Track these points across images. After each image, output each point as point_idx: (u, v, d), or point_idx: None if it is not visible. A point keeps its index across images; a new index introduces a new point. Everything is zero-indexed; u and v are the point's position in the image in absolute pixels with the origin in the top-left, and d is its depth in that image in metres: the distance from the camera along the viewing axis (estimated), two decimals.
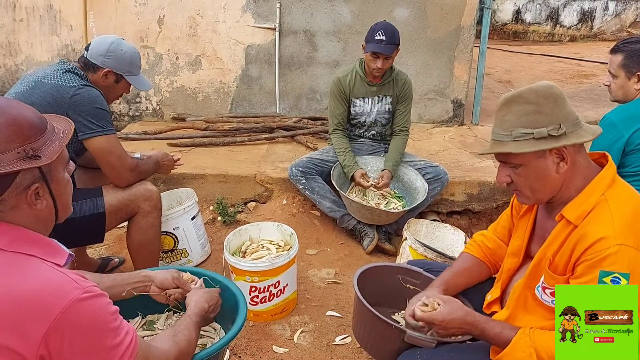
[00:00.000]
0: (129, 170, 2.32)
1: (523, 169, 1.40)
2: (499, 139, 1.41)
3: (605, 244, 1.27)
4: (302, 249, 3.11)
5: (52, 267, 1.09)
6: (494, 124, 1.45)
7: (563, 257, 1.38)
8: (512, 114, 1.39)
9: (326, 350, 2.34)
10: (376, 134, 3.40)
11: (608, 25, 10.47)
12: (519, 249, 1.58)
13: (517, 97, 1.39)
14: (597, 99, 5.67)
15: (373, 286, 1.80)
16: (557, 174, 1.38)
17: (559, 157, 1.37)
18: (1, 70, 4.73)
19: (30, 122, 1.11)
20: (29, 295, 1.01)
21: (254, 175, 3.51)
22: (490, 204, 3.54)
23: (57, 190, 1.17)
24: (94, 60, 2.29)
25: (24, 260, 1.07)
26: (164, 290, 1.62)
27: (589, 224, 1.33)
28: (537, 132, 1.35)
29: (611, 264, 1.26)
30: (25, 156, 1.07)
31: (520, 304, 1.51)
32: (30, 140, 1.10)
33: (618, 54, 2.29)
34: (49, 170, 1.14)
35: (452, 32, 4.45)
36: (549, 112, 1.36)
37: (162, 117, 4.75)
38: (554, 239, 1.42)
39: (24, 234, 1.11)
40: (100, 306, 1.09)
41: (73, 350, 1.04)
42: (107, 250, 3.15)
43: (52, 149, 1.13)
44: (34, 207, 1.12)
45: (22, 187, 1.10)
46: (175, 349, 1.29)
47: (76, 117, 2.14)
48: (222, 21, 4.46)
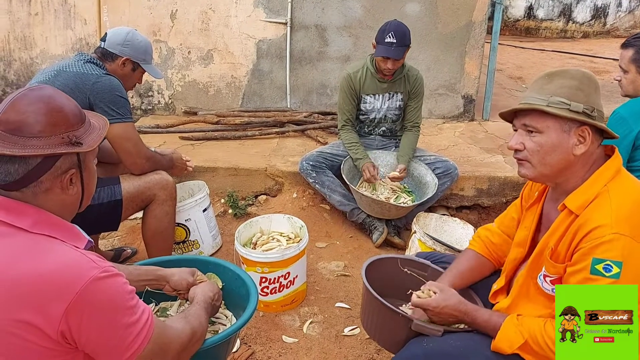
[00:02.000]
0: (145, 159, 2.39)
1: (542, 137, 1.39)
2: (532, 101, 1.40)
3: (601, 232, 1.28)
4: (312, 242, 3.14)
5: (72, 248, 1.13)
6: (529, 89, 1.44)
7: (564, 246, 1.39)
8: (553, 85, 1.39)
9: (335, 341, 2.37)
10: (386, 130, 3.42)
11: (621, 21, 10.37)
12: (524, 239, 1.59)
13: (563, 72, 1.40)
14: (608, 96, 5.62)
15: (381, 277, 1.82)
16: (572, 156, 1.38)
17: (580, 140, 1.37)
18: (16, 63, 4.80)
19: (74, 112, 1.19)
20: (50, 275, 1.05)
21: (265, 169, 3.54)
22: (500, 199, 3.55)
23: (87, 178, 1.25)
24: (112, 49, 2.37)
25: (46, 241, 1.11)
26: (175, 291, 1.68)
27: (589, 213, 1.34)
28: (574, 105, 1.35)
29: (604, 252, 1.27)
30: (69, 142, 1.14)
31: (523, 292, 1.53)
32: (74, 127, 1.17)
33: (629, 49, 2.28)
34: (84, 158, 1.21)
35: (463, 28, 4.45)
36: (588, 93, 1.37)
37: (174, 111, 4.80)
38: (557, 228, 1.43)
39: (47, 218, 1.15)
40: (117, 285, 1.12)
41: (91, 327, 1.08)
42: (120, 241, 3.20)
43: (92, 139, 1.21)
44: (67, 191, 1.18)
45: (61, 171, 1.16)
46: (188, 328, 1.33)
47: (97, 104, 2.22)
48: (233, 16, 4.49)
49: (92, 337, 1.09)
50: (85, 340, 1.08)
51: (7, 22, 4.66)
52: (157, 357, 1.20)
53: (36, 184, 1.13)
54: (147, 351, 1.16)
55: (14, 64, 4.81)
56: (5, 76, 4.85)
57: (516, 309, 1.53)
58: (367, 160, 3.19)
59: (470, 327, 1.53)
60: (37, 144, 1.10)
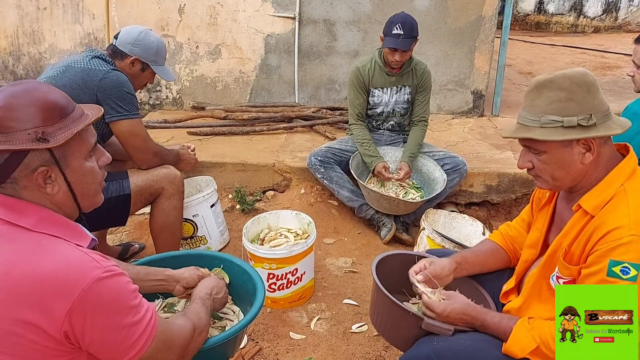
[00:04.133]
0: (152, 154, 2.40)
1: (547, 157, 1.38)
2: (525, 123, 1.38)
3: (619, 234, 1.25)
4: (320, 238, 3.12)
5: (74, 247, 1.11)
6: (522, 106, 1.41)
7: (578, 247, 1.36)
8: (542, 99, 1.36)
9: (342, 338, 2.35)
10: (395, 124, 3.39)
11: (633, 16, 10.25)
12: (537, 240, 1.57)
13: (550, 83, 1.36)
14: (620, 91, 5.56)
15: (391, 273, 1.81)
16: (582, 165, 1.36)
17: (586, 148, 1.34)
18: (25, 58, 4.81)
19: (51, 106, 1.13)
20: (53, 274, 1.04)
21: (273, 165, 3.52)
22: (509, 196, 3.52)
23: (72, 177, 1.18)
24: (122, 47, 2.36)
25: (49, 240, 1.10)
26: (187, 289, 1.67)
27: (606, 215, 1.31)
28: (567, 121, 1.31)
29: (622, 254, 1.24)
30: (34, 138, 1.09)
31: (535, 292, 1.51)
32: (46, 123, 1.11)
33: None
34: (63, 155, 1.15)
35: (473, 22, 4.41)
36: (580, 101, 1.33)
37: (182, 105, 4.79)
38: (571, 228, 1.41)
39: (49, 216, 1.14)
40: (120, 284, 1.11)
41: (95, 327, 1.07)
42: (128, 236, 3.20)
43: (63, 135, 1.13)
44: (44, 190, 1.14)
45: (31, 168, 1.11)
46: (189, 323, 1.34)
47: (104, 100, 2.21)
48: (242, 10, 4.47)
49: (96, 336, 1.08)
50: (89, 340, 1.08)
51: (16, 17, 4.68)
52: (161, 354, 1.21)
53: (12, 180, 1.11)
54: (151, 349, 1.16)
55: (22, 59, 4.82)
56: (14, 71, 4.87)
57: (528, 309, 1.51)
58: (380, 160, 3.18)
59: (481, 331, 1.51)
60: (1, 140, 1.07)
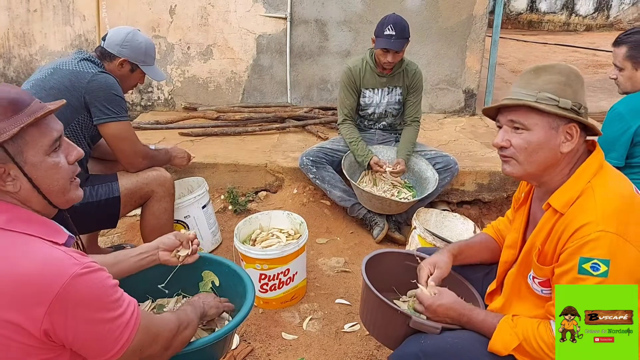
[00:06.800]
0: (141, 157, 2.37)
1: (529, 134, 1.36)
2: (520, 97, 1.36)
3: (587, 230, 1.26)
4: (312, 238, 3.12)
5: (50, 245, 1.11)
6: (515, 84, 1.40)
7: (551, 246, 1.37)
8: (540, 80, 1.36)
9: (335, 337, 2.36)
10: (387, 125, 3.40)
11: (625, 14, 10.31)
12: (515, 241, 1.58)
13: (550, 67, 1.37)
14: (611, 89, 5.57)
15: (382, 272, 1.81)
16: (559, 153, 1.36)
17: (569, 135, 1.35)
18: (16, 60, 4.79)
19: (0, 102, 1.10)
20: (30, 273, 1.03)
21: (265, 165, 3.52)
22: (501, 194, 3.53)
23: (34, 173, 1.14)
24: (111, 49, 2.34)
25: (23, 239, 1.09)
26: (172, 250, 1.69)
27: (574, 212, 1.31)
28: (563, 102, 1.33)
29: (591, 250, 1.24)
30: None
31: (515, 291, 1.52)
32: None
33: (622, 46, 2.27)
34: (19, 151, 1.12)
35: (464, 22, 4.42)
36: (576, 90, 1.35)
37: (173, 106, 4.79)
38: (542, 227, 1.41)
39: (22, 214, 1.14)
40: (99, 280, 1.11)
41: (77, 323, 1.07)
42: (119, 238, 3.20)
43: (9, 131, 1.09)
44: (4, 187, 1.12)
45: None
46: (173, 316, 1.35)
47: (92, 102, 2.20)
48: (233, 11, 4.47)
49: (79, 333, 1.08)
50: (72, 337, 1.08)
51: (6, 19, 4.66)
52: (146, 347, 1.22)
53: None
54: (135, 342, 1.17)
55: (13, 61, 4.80)
56: (4, 73, 4.85)
57: (510, 307, 1.52)
58: (371, 155, 3.18)
59: (466, 328, 1.52)
60: None
